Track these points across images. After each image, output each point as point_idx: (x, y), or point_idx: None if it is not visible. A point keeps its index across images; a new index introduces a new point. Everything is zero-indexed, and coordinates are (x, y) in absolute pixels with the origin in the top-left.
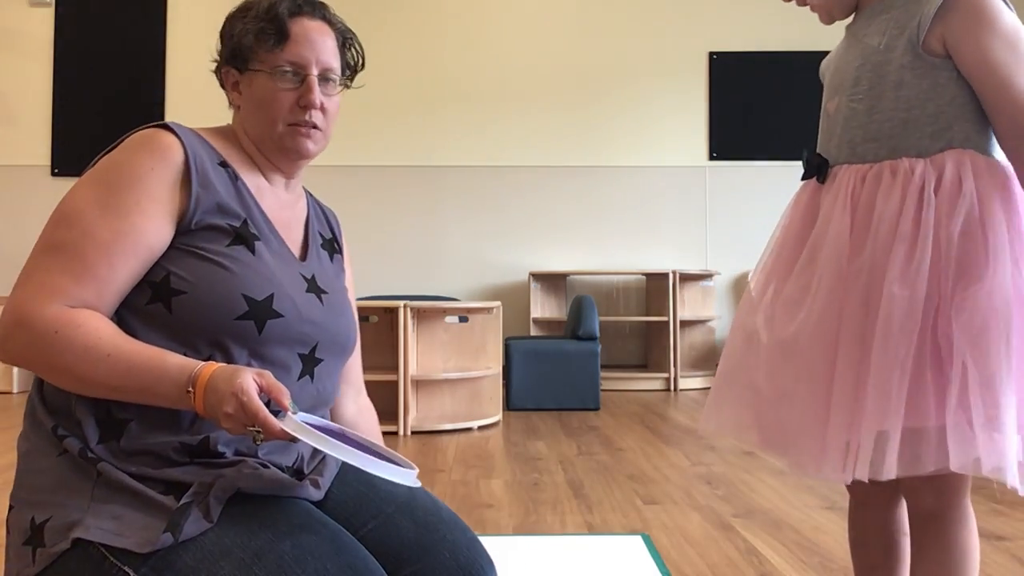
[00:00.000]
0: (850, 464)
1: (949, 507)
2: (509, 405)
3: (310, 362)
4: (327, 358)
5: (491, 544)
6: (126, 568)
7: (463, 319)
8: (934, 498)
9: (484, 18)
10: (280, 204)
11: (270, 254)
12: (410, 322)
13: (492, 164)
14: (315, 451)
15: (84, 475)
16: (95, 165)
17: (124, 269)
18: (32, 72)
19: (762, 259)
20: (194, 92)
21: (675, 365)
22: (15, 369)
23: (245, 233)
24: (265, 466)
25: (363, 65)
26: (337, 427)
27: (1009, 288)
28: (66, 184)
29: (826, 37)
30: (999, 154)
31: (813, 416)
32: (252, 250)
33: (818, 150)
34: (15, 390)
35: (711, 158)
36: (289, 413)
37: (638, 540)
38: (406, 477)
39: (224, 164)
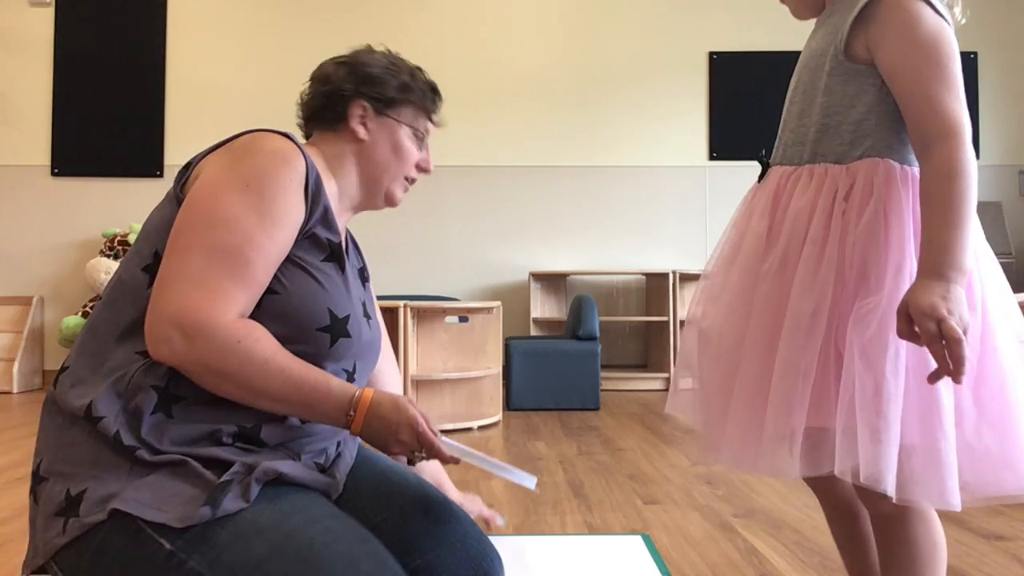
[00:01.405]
0: (748, 457)
1: (905, 507)
2: (509, 405)
3: (350, 379)
4: (359, 377)
5: None
6: (161, 540)
7: (463, 319)
8: (888, 500)
9: (484, 18)
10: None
11: (351, 276)
12: (410, 322)
13: (492, 164)
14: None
15: (121, 453)
16: (232, 167)
17: (271, 274)
18: (32, 72)
19: (714, 251)
20: (194, 92)
21: (675, 365)
22: (15, 368)
23: (339, 252)
24: (298, 458)
25: None
26: (465, 446)
27: None
28: (66, 184)
29: None
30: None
31: (718, 405)
32: (342, 269)
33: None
34: (15, 390)
35: (711, 158)
36: (441, 437)
37: (638, 540)
38: (531, 481)
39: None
